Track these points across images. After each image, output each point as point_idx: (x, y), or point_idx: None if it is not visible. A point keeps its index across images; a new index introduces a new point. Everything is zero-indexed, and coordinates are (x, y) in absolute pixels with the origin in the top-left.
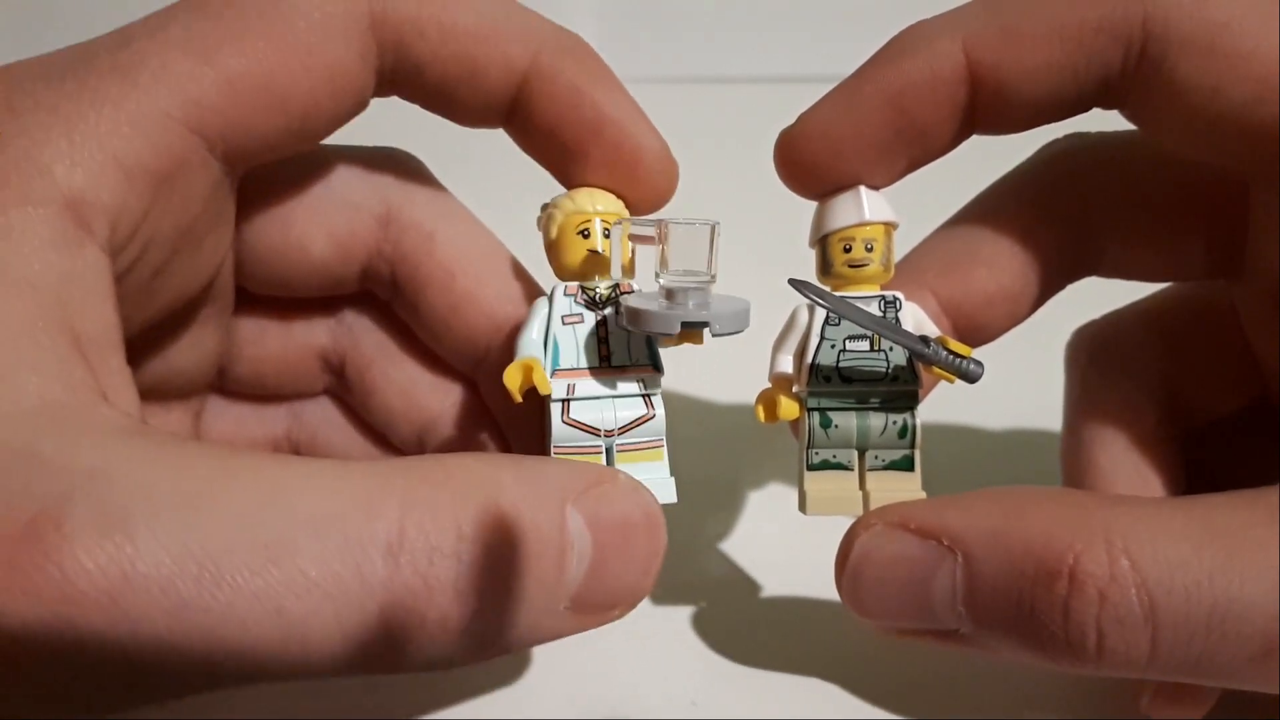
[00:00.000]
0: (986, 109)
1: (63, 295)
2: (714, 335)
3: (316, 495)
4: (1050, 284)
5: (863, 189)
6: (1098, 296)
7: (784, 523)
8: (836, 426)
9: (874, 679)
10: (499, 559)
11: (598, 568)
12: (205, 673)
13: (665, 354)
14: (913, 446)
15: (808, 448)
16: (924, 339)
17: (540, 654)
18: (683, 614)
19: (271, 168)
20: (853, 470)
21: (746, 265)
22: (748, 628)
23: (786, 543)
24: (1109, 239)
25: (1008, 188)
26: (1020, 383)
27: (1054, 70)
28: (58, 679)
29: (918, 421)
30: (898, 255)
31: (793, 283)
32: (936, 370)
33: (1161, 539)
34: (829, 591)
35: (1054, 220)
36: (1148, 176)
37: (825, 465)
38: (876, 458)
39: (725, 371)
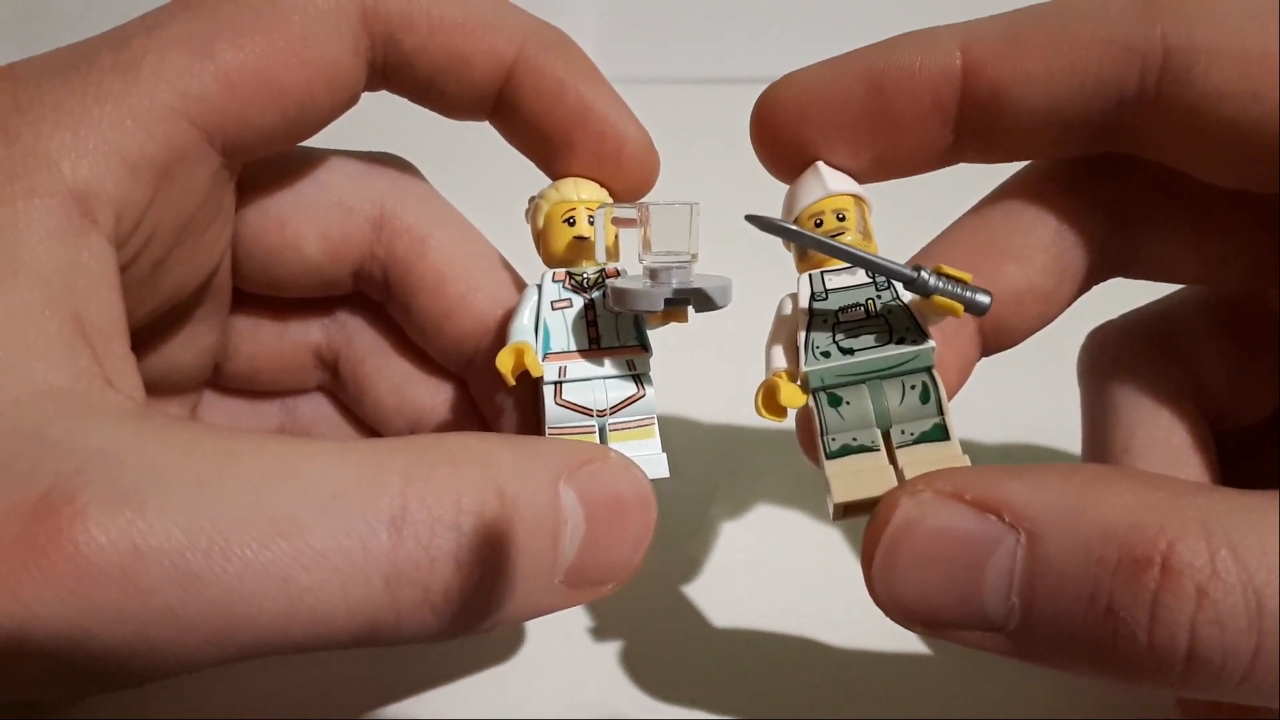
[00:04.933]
0: (979, 118)
1: (69, 284)
2: (697, 311)
3: (321, 472)
4: (1085, 282)
5: (820, 164)
6: (1098, 299)
7: (785, 523)
8: (848, 403)
9: (876, 678)
10: (496, 533)
11: (591, 543)
12: (214, 645)
13: (656, 342)
14: (941, 412)
15: (822, 434)
16: (916, 267)
17: (540, 653)
18: (681, 613)
19: (267, 168)
20: (879, 450)
21: (746, 265)
22: (747, 626)
23: (788, 543)
24: (1148, 234)
25: (1042, 172)
26: (1023, 389)
27: (1058, 79)
28: (71, 653)
29: (939, 382)
30: (913, 250)
31: (749, 219)
32: (938, 301)
33: (1266, 532)
34: (831, 591)
35: (1095, 210)
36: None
37: (846, 450)
38: (904, 432)
39: (723, 376)
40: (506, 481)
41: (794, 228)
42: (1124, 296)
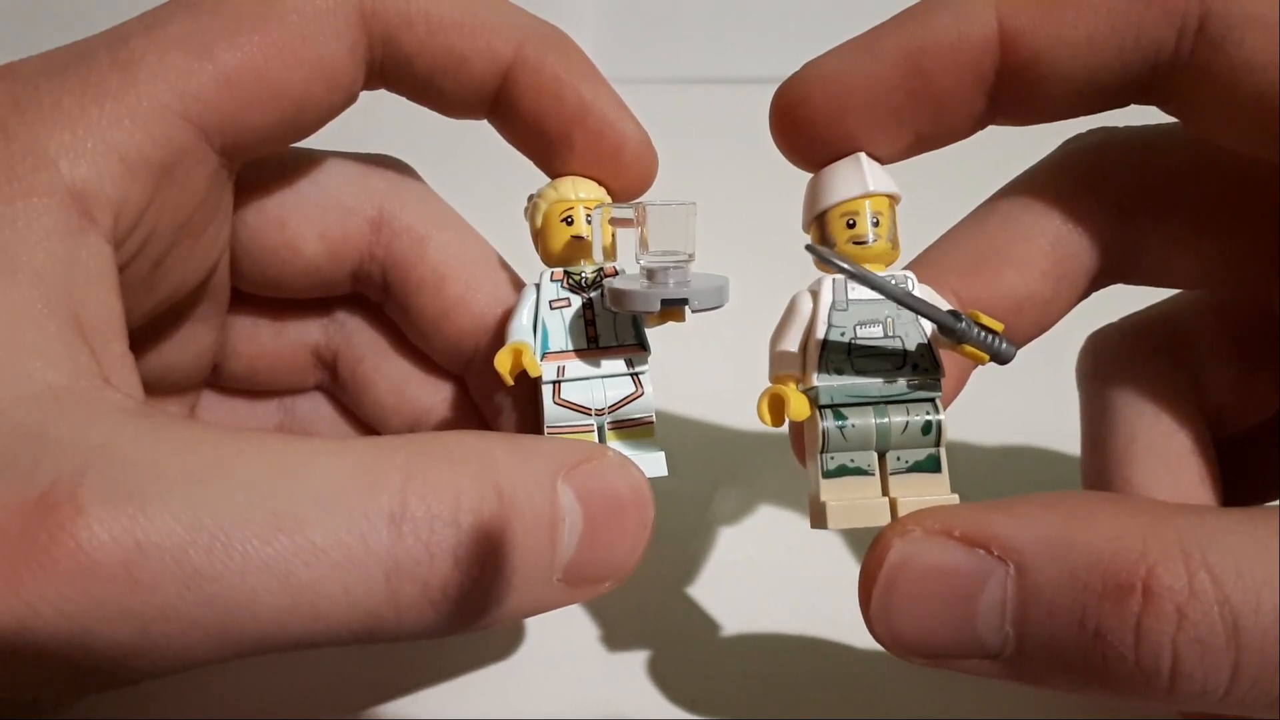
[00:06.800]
0: (1015, 85)
1: (67, 283)
2: (693, 311)
3: (322, 469)
4: (1085, 289)
5: (863, 156)
6: (1097, 303)
7: (784, 522)
8: (853, 425)
9: (877, 678)
10: (495, 530)
11: (588, 541)
12: (215, 641)
13: (654, 341)
14: (938, 444)
15: (821, 452)
16: (954, 313)
17: (539, 652)
18: (680, 613)
19: (265, 168)
20: (874, 475)
21: (743, 264)
22: (746, 626)
23: (787, 543)
24: (1149, 240)
25: (1041, 177)
26: (1022, 393)
27: (1097, 44)
28: (73, 650)
29: (943, 415)
30: (914, 253)
31: (810, 249)
32: (966, 349)
33: (1244, 552)
34: (830, 591)
35: (1094, 216)
36: (1192, 172)
37: (843, 471)
38: (899, 459)
39: (722, 375)
40: (505, 479)
41: (855, 268)
42: (1123, 300)
